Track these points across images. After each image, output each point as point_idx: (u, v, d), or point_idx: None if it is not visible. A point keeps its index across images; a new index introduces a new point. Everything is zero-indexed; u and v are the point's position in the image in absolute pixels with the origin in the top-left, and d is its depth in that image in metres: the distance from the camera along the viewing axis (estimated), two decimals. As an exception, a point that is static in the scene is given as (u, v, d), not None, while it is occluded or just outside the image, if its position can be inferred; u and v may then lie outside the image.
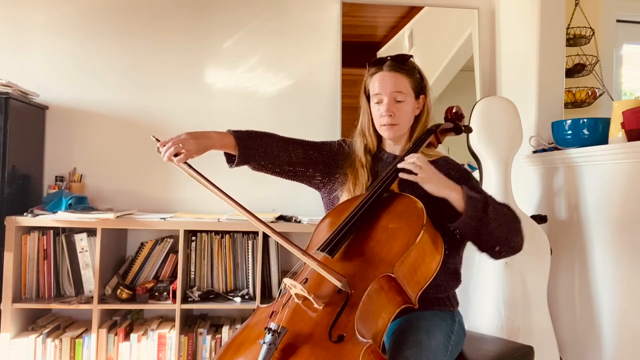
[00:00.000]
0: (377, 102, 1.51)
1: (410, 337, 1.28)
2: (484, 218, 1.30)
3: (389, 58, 1.51)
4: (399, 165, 1.35)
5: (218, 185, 1.32)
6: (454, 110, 1.55)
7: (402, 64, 1.50)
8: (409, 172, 1.33)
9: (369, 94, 1.56)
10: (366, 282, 1.17)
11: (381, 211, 1.34)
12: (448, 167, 1.47)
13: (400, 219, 1.29)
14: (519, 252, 1.41)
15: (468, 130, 1.60)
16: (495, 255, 1.39)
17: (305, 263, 1.35)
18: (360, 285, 1.17)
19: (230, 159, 1.60)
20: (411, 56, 1.54)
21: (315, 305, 1.15)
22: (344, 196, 1.57)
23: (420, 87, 1.53)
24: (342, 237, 1.27)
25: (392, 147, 1.58)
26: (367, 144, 1.58)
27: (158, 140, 1.40)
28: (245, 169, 2.76)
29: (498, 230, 1.32)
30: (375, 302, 1.17)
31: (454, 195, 1.31)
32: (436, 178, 1.32)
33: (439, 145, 1.56)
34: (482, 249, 1.38)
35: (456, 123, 1.55)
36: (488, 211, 1.30)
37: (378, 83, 1.49)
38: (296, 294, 1.20)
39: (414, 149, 1.45)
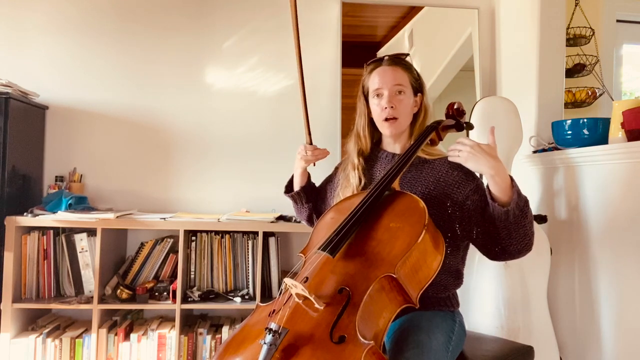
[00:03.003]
0: (378, 96, 1.51)
1: (411, 337, 1.27)
2: (525, 209, 1.28)
3: (386, 56, 1.54)
4: (449, 153, 1.36)
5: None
6: (455, 107, 1.54)
7: (400, 60, 1.54)
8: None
9: (367, 94, 1.56)
10: (367, 282, 1.16)
11: (382, 210, 1.33)
12: (450, 167, 1.45)
13: (402, 218, 1.28)
14: (525, 255, 1.36)
15: (470, 126, 1.59)
16: (508, 254, 1.34)
17: (305, 262, 1.34)
18: (362, 285, 1.16)
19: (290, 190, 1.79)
20: (407, 54, 1.57)
21: (316, 306, 1.14)
22: (335, 199, 1.59)
23: (417, 84, 1.55)
24: (343, 236, 1.26)
25: (392, 146, 1.57)
26: (361, 147, 1.59)
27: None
28: (245, 170, 2.77)
29: (529, 227, 1.30)
30: (377, 302, 1.16)
31: (499, 176, 1.27)
32: (474, 156, 1.28)
33: (440, 142, 1.55)
34: (504, 244, 1.31)
35: (457, 119, 1.54)
36: (528, 205, 1.30)
37: (378, 77, 1.51)
38: (297, 294, 1.19)
39: (415, 146, 1.44)
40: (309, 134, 1.67)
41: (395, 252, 1.20)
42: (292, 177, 1.78)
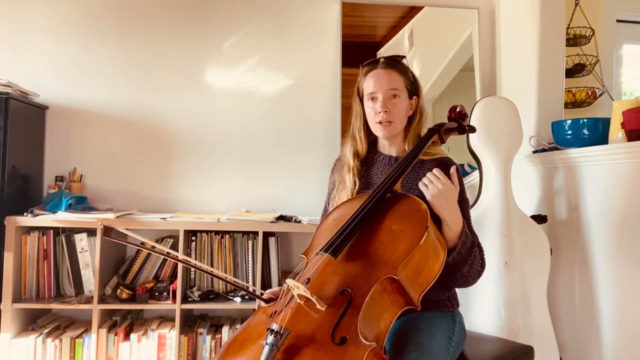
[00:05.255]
0: (372, 99, 1.51)
1: (411, 339, 1.27)
2: (467, 258, 1.35)
3: (382, 58, 1.53)
4: (422, 181, 1.37)
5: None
6: (457, 110, 1.53)
7: (396, 62, 1.53)
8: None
9: (362, 96, 1.56)
10: (369, 284, 1.16)
11: (385, 212, 1.33)
12: (447, 169, 1.44)
13: (404, 220, 1.28)
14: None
15: (472, 130, 1.59)
16: (445, 286, 1.45)
17: (307, 263, 1.34)
18: (364, 287, 1.16)
19: None
20: (404, 56, 1.56)
21: (318, 307, 1.14)
22: (332, 201, 1.58)
23: (413, 87, 1.54)
24: (346, 238, 1.25)
25: (388, 149, 1.57)
26: (357, 148, 1.59)
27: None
28: (245, 170, 2.78)
29: (467, 271, 1.37)
30: (378, 304, 1.16)
31: (451, 224, 1.33)
32: (442, 198, 1.32)
33: (442, 144, 1.55)
34: (440, 278, 1.39)
35: (460, 122, 1.54)
36: (472, 252, 1.36)
37: (373, 81, 1.50)
38: (299, 295, 1.19)
39: (418, 149, 1.43)
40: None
41: (397, 254, 1.21)
42: None
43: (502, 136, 2.22)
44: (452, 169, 1.40)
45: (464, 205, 1.44)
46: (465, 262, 1.35)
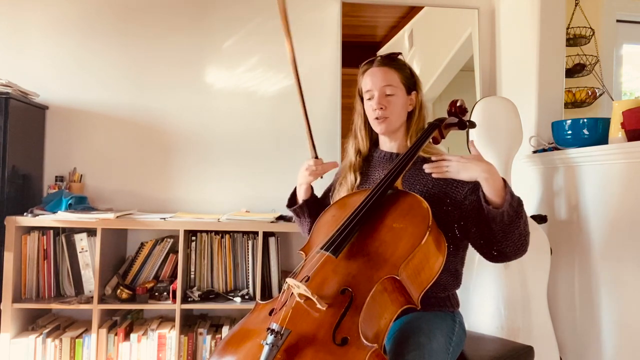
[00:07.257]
0: (369, 99, 1.54)
1: (411, 339, 1.27)
2: (519, 210, 1.27)
3: (378, 57, 1.55)
4: (427, 170, 1.32)
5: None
6: (457, 104, 1.51)
7: (391, 60, 1.54)
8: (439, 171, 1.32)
9: (362, 95, 1.58)
10: (370, 284, 1.16)
11: (385, 209, 1.32)
12: None
13: (405, 218, 1.28)
14: (521, 256, 1.36)
15: (472, 125, 1.56)
16: (505, 256, 1.33)
17: (305, 260, 1.34)
18: (364, 287, 1.16)
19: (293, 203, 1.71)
20: (400, 53, 1.58)
21: (319, 306, 1.13)
22: (333, 198, 1.59)
23: (411, 82, 1.55)
24: (346, 236, 1.25)
25: (389, 145, 1.58)
26: (359, 146, 1.60)
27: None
28: (245, 170, 2.77)
29: (523, 227, 1.29)
30: (379, 303, 1.16)
31: (491, 179, 1.25)
32: (464, 165, 1.27)
33: (442, 140, 1.53)
34: (500, 246, 1.30)
35: (460, 117, 1.51)
36: (522, 205, 1.29)
37: (369, 79, 1.53)
38: (299, 294, 1.18)
39: (418, 144, 1.42)
40: (314, 148, 1.60)
41: (398, 254, 1.20)
42: (294, 191, 1.69)
43: (502, 136, 2.22)
44: (470, 141, 1.41)
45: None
46: (519, 216, 1.26)
